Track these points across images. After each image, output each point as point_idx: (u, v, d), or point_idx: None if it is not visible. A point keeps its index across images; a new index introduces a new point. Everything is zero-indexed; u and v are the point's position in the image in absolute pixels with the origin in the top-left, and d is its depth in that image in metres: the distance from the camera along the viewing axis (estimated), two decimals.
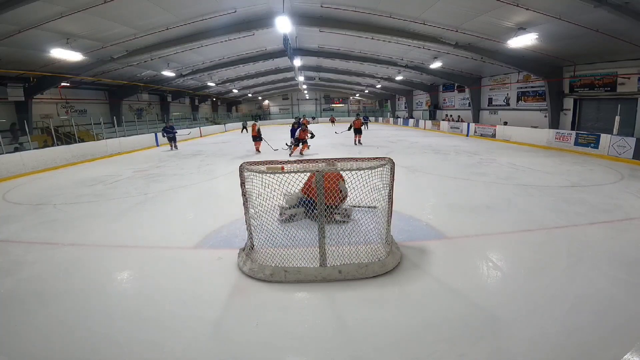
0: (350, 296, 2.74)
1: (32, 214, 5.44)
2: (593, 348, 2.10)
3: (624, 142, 8.99)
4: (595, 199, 5.28)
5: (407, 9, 9.35)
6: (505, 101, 16.52)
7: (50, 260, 3.60)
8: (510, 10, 8.13)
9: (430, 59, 14.71)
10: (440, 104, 23.59)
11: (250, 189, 3.12)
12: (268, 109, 40.29)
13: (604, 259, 3.26)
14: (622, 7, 6.91)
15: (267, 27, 10.77)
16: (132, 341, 2.27)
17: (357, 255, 3.19)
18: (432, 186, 6.48)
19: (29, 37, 8.69)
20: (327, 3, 9.47)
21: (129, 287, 3.11)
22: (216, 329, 2.39)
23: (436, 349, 2.12)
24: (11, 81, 12.07)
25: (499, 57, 12.22)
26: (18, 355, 2.20)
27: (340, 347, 2.18)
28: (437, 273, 3.08)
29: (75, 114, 16.45)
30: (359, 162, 3.30)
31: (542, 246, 3.63)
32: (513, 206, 5.03)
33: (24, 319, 2.54)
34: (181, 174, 8.58)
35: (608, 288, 2.76)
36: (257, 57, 17.07)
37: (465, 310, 2.51)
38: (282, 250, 3.16)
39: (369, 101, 39.46)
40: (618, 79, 10.72)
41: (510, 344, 2.15)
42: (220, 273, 3.19)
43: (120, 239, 4.19)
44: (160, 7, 8.69)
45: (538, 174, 7.34)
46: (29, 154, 9.98)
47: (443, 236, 3.94)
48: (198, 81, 21.03)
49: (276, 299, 2.74)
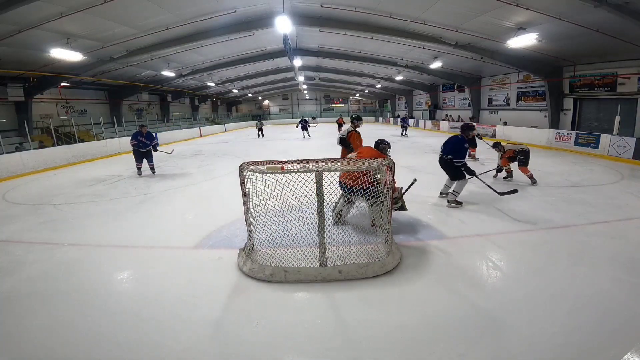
0: (350, 296, 2.74)
1: (32, 214, 5.44)
2: (593, 348, 2.10)
3: (624, 142, 8.98)
4: (595, 199, 5.28)
5: (407, 9, 9.35)
6: (505, 101, 16.52)
7: (50, 260, 3.60)
8: (510, 10, 8.13)
9: (430, 59, 14.71)
10: (440, 104, 23.59)
11: (250, 189, 3.12)
12: (268, 109, 40.29)
13: (604, 259, 3.26)
14: (622, 7, 6.91)
15: (267, 27, 10.78)
16: (132, 341, 2.27)
17: (357, 255, 3.19)
18: (432, 186, 6.48)
19: (29, 37, 8.69)
20: (327, 3, 9.47)
21: (129, 287, 3.11)
22: (216, 329, 2.39)
23: (436, 349, 2.12)
24: (11, 81, 12.08)
25: (499, 57, 12.22)
26: (18, 355, 2.20)
27: (340, 347, 2.18)
28: (437, 273, 3.08)
29: (75, 114, 16.46)
30: (359, 162, 3.31)
31: (542, 246, 3.62)
32: (513, 206, 5.03)
33: (24, 319, 2.54)
34: (181, 174, 8.58)
35: (608, 288, 2.76)
36: (257, 57, 17.07)
37: (465, 310, 2.50)
38: (282, 250, 3.15)
39: (369, 101, 39.46)
40: (618, 79, 10.71)
41: (510, 344, 2.15)
42: (220, 273, 3.18)
43: (120, 238, 4.18)
44: (160, 7, 8.69)
45: (538, 174, 7.33)
46: (29, 154, 9.98)
47: (443, 236, 3.94)
48: (198, 81, 21.03)
49: (276, 299, 2.74)
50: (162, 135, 17.79)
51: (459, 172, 4.89)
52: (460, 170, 4.86)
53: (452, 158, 4.88)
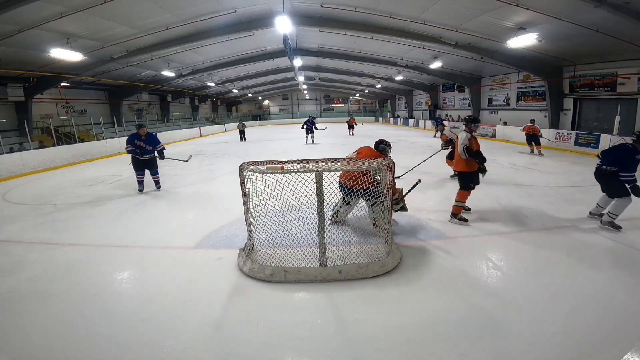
0: (350, 296, 2.74)
1: (32, 214, 5.44)
2: (593, 348, 2.10)
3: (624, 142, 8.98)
4: (595, 199, 5.26)
5: (407, 9, 9.35)
6: (505, 101, 16.52)
7: (50, 260, 3.60)
8: (510, 10, 8.13)
9: (430, 59, 14.71)
10: (440, 104, 23.58)
11: (250, 189, 3.12)
12: (268, 109, 40.28)
13: (604, 259, 3.26)
14: (622, 7, 6.91)
15: (267, 27, 10.77)
16: (132, 341, 2.27)
17: (357, 255, 3.19)
18: (432, 186, 6.48)
19: (29, 37, 8.68)
20: (327, 3, 9.47)
21: (129, 287, 3.11)
22: (216, 329, 2.39)
23: (436, 349, 2.12)
24: (11, 81, 12.08)
25: (499, 57, 12.22)
26: (18, 355, 2.20)
27: (340, 347, 2.18)
28: (437, 273, 3.08)
29: (75, 114, 16.46)
30: (359, 162, 3.31)
31: (542, 246, 3.62)
32: (513, 206, 5.03)
33: (24, 319, 2.54)
34: (181, 174, 8.58)
35: (608, 288, 2.76)
36: (257, 57, 17.06)
37: (465, 310, 2.50)
38: (282, 250, 3.15)
39: (369, 101, 39.45)
40: (618, 79, 10.71)
41: (510, 344, 2.15)
42: (220, 273, 3.18)
43: (120, 238, 4.18)
44: (160, 7, 8.69)
45: (538, 174, 7.33)
46: (29, 154, 9.99)
47: (443, 236, 3.94)
48: (198, 81, 21.02)
49: (276, 299, 2.74)
50: (162, 135, 17.64)
51: (621, 188, 3.89)
52: (624, 186, 3.87)
53: (617, 170, 3.89)
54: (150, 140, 6.38)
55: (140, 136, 6.26)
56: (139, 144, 6.25)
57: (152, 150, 6.39)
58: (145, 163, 6.42)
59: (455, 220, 4.34)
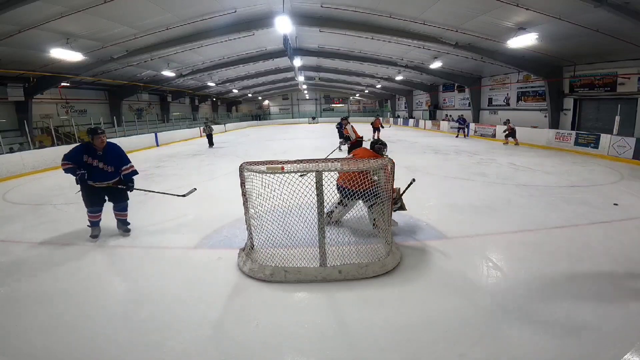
0: (350, 296, 2.74)
1: (32, 214, 5.44)
2: (593, 348, 2.10)
3: (624, 142, 8.99)
4: (595, 199, 5.28)
5: (407, 9, 9.35)
6: (505, 101, 16.52)
7: (50, 260, 3.60)
8: (510, 10, 8.13)
9: (430, 59, 14.71)
10: (440, 104, 23.59)
11: (250, 189, 3.12)
12: (268, 109, 40.29)
13: (604, 259, 3.26)
14: (622, 7, 6.91)
15: (267, 27, 10.77)
16: (132, 341, 2.27)
17: (357, 255, 3.19)
18: (432, 186, 6.48)
19: (29, 37, 8.68)
20: (327, 3, 9.47)
21: (129, 287, 3.11)
22: (216, 329, 2.39)
23: (436, 349, 2.12)
24: (11, 81, 12.08)
25: (499, 57, 12.22)
26: (18, 355, 2.20)
27: (340, 347, 2.18)
28: (437, 273, 3.08)
29: (75, 114, 16.46)
30: (359, 162, 3.31)
31: (542, 246, 3.62)
32: (513, 206, 5.03)
33: (24, 319, 2.54)
34: (181, 174, 8.57)
35: (608, 288, 2.76)
36: (257, 57, 17.06)
37: (465, 310, 2.50)
38: (282, 250, 3.15)
39: (369, 101, 39.46)
40: (618, 79, 10.71)
41: (510, 344, 2.15)
42: (220, 273, 3.18)
43: (120, 239, 4.18)
44: (160, 7, 8.69)
45: (538, 174, 7.33)
46: (29, 154, 9.98)
47: (443, 236, 3.94)
48: (198, 81, 21.02)
49: (276, 299, 2.74)
50: (162, 135, 17.80)
51: None
52: None
53: None
54: (112, 158, 3.88)
55: (94, 150, 3.75)
56: (92, 162, 3.74)
57: (114, 174, 3.93)
58: (102, 192, 3.98)
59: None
